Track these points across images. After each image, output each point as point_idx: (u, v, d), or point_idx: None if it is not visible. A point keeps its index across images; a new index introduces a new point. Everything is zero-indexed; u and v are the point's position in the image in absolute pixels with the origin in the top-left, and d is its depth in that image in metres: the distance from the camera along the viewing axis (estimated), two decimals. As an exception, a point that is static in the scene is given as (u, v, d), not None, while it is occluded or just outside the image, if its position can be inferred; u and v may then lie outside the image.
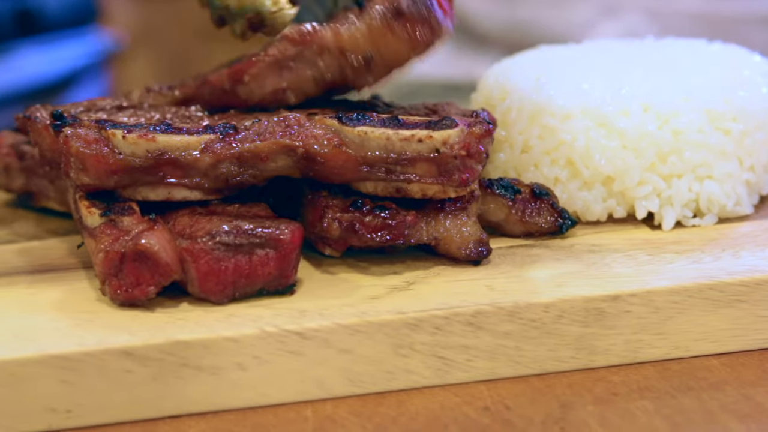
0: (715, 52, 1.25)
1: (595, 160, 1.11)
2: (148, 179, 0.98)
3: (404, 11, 1.01)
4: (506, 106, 1.18)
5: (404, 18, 1.01)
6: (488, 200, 1.07)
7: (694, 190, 1.11)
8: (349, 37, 1.03)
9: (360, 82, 1.06)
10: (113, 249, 0.91)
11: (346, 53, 1.04)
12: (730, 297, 0.95)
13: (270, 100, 1.09)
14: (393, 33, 1.02)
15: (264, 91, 1.09)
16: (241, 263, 0.92)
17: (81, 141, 0.96)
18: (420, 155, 0.97)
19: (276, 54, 1.07)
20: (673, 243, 1.05)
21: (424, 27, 1.02)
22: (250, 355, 0.88)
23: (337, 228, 0.98)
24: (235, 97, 1.10)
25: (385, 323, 0.90)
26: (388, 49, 1.03)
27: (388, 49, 1.03)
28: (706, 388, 0.91)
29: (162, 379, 0.87)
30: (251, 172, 1.00)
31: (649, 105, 1.11)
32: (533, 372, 0.94)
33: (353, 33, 1.03)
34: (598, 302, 0.93)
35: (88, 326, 0.90)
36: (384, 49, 1.03)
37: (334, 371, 0.90)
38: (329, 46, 1.05)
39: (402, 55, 1.04)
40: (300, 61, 1.07)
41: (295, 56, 1.07)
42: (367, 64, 1.04)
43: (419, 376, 0.92)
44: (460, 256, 1.01)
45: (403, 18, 1.01)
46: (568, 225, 1.08)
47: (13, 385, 0.85)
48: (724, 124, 1.12)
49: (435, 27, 1.03)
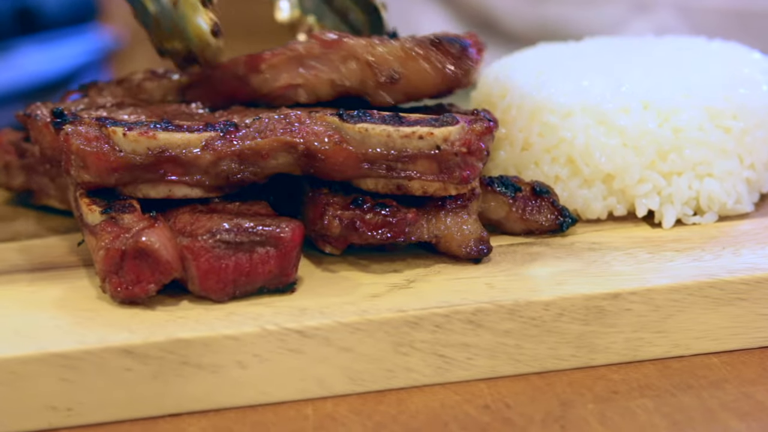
0: (715, 50, 1.25)
1: (595, 158, 1.11)
2: (148, 177, 0.98)
3: (443, 42, 1.04)
4: (506, 104, 1.18)
5: (441, 48, 1.04)
6: (489, 198, 1.07)
7: (695, 187, 1.11)
8: (382, 51, 1.05)
9: (378, 97, 1.06)
10: (114, 246, 0.91)
11: (374, 66, 1.05)
12: (731, 295, 0.95)
13: (278, 95, 1.09)
14: (426, 59, 1.04)
15: (276, 84, 1.09)
16: (241, 261, 0.92)
17: (81, 138, 0.96)
18: (421, 152, 0.97)
19: (300, 50, 1.08)
20: (674, 241, 1.05)
21: (457, 64, 1.04)
22: (251, 354, 0.88)
23: (337, 226, 0.98)
24: (244, 85, 1.10)
25: (386, 321, 0.90)
26: (417, 74, 1.04)
27: (417, 74, 1.04)
28: (706, 386, 0.91)
29: (162, 378, 0.87)
30: (252, 169, 1.00)
31: (649, 102, 1.11)
32: (533, 370, 0.94)
33: (386, 49, 1.05)
34: (599, 300, 0.93)
35: (88, 324, 0.90)
36: (412, 73, 1.05)
37: (335, 369, 0.90)
38: (357, 55, 1.05)
39: (428, 84, 1.05)
40: (323, 62, 1.07)
41: (319, 56, 1.07)
42: (390, 82, 1.05)
43: (419, 375, 0.92)
44: (460, 254, 1.01)
45: (440, 48, 1.04)
46: (568, 223, 1.08)
47: (14, 383, 0.85)
48: (725, 121, 1.12)
49: (465, 68, 1.05)
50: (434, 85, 1.05)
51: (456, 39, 1.05)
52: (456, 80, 1.05)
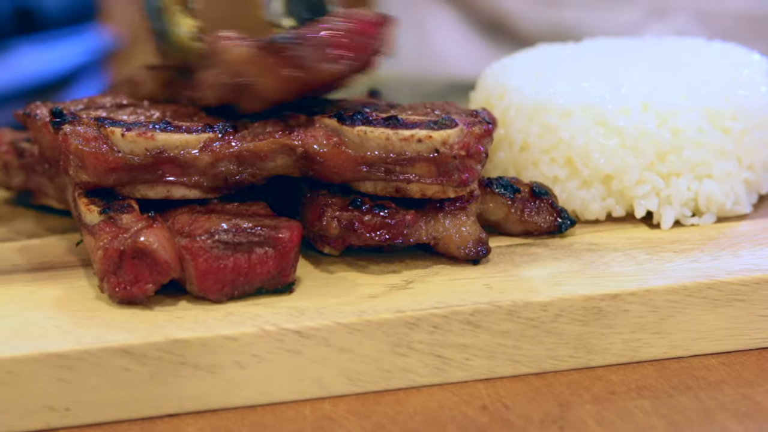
0: (715, 51, 1.25)
1: (594, 159, 1.11)
2: (147, 177, 0.98)
3: (273, 45, 0.97)
4: (505, 105, 1.18)
5: (272, 54, 0.97)
6: (487, 199, 1.07)
7: (693, 189, 1.11)
8: (227, 56, 0.99)
9: (242, 105, 1.01)
10: (112, 246, 0.91)
11: (230, 71, 1.00)
12: (729, 296, 0.95)
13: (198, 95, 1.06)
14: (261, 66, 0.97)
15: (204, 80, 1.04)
16: (239, 261, 0.92)
17: (80, 138, 0.96)
18: (419, 155, 0.97)
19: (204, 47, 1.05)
20: (672, 242, 1.05)
21: (291, 66, 0.96)
22: (249, 354, 0.88)
23: (336, 227, 0.98)
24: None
25: (384, 322, 0.90)
26: (259, 82, 0.98)
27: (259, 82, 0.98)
28: (704, 387, 0.91)
29: (160, 378, 0.87)
30: (250, 171, 0.99)
31: (649, 103, 1.11)
32: (532, 371, 0.94)
33: (232, 54, 0.99)
34: (597, 301, 0.93)
35: (86, 324, 0.90)
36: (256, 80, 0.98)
37: (333, 370, 0.90)
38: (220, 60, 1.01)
39: (273, 89, 0.99)
40: (211, 63, 1.03)
41: (209, 56, 1.03)
42: (238, 90, 0.99)
43: (417, 375, 0.92)
44: (459, 255, 1.01)
45: (271, 54, 0.97)
46: (567, 224, 1.08)
47: (12, 383, 0.85)
48: (724, 122, 1.12)
49: (307, 67, 0.97)
50: (281, 90, 0.98)
51: (288, 38, 0.97)
52: (303, 81, 0.97)
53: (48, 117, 1.03)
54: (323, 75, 0.98)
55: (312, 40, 0.97)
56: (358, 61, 1.01)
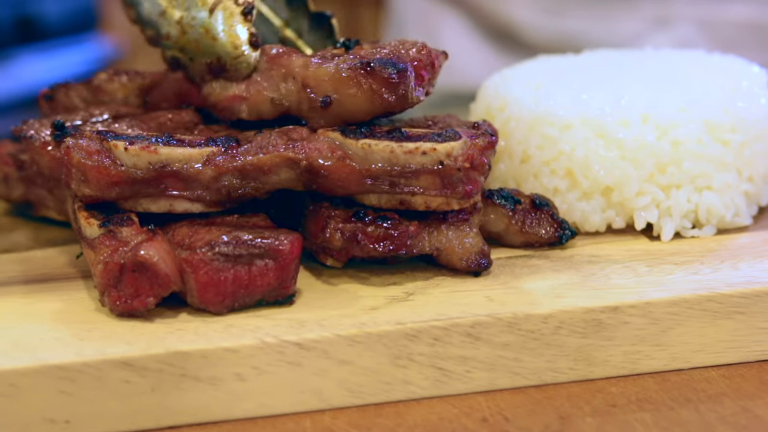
0: (714, 63, 1.25)
1: (594, 171, 1.11)
2: (149, 191, 0.98)
3: (374, 68, 0.98)
4: (506, 116, 1.18)
5: (372, 74, 0.98)
6: (488, 211, 1.07)
7: (693, 200, 1.11)
8: (316, 73, 1.01)
9: (313, 121, 1.02)
10: (112, 260, 0.91)
11: (307, 87, 1.01)
12: (729, 308, 0.95)
13: (223, 107, 1.06)
14: (358, 86, 0.99)
15: (224, 95, 1.06)
16: (240, 274, 0.92)
17: (83, 152, 0.96)
18: (424, 168, 0.97)
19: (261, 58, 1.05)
20: (672, 254, 1.05)
21: (389, 89, 0.99)
22: (249, 366, 0.88)
23: (339, 238, 0.98)
24: (194, 92, 1.09)
25: (384, 334, 0.90)
26: (348, 99, 1.00)
27: (348, 99, 1.00)
28: (704, 399, 0.91)
29: (161, 390, 0.87)
30: (253, 185, 0.99)
31: (648, 115, 1.12)
32: (532, 383, 0.94)
33: (321, 71, 1.00)
34: (597, 313, 0.93)
35: (86, 336, 0.90)
36: (344, 98, 1.00)
37: (333, 382, 0.90)
38: (295, 75, 1.02)
39: (359, 109, 1.00)
40: (266, 78, 1.04)
41: (263, 71, 1.04)
42: (324, 106, 1.00)
43: (418, 387, 0.92)
44: (460, 266, 1.01)
45: (371, 74, 0.98)
46: (567, 236, 1.08)
47: (12, 395, 0.85)
48: (723, 134, 1.12)
49: (400, 93, 0.99)
50: (366, 110, 1.00)
51: (390, 62, 0.99)
52: (392, 104, 1.00)
53: (46, 136, 1.03)
54: (411, 101, 1.01)
55: (407, 67, 0.99)
56: (430, 89, 1.04)
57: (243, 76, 1.05)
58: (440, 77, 1.07)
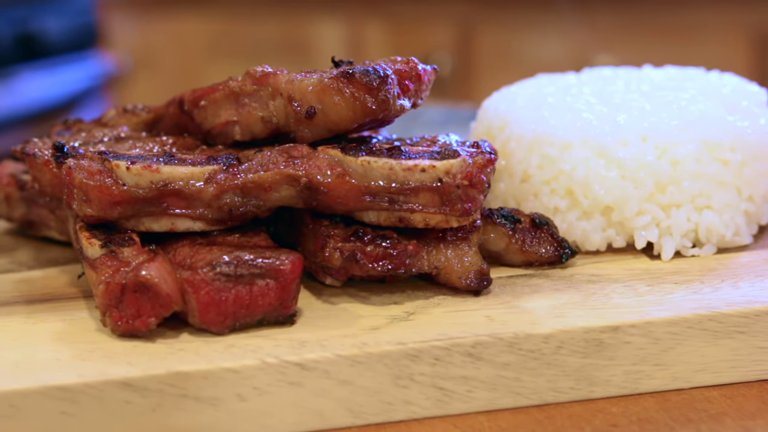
0: (714, 82, 1.25)
1: (594, 190, 1.11)
2: (151, 210, 0.98)
3: (354, 75, 0.99)
4: (506, 136, 1.19)
5: (354, 83, 0.99)
6: (488, 229, 1.08)
7: (693, 220, 1.11)
8: (300, 85, 1.02)
9: (300, 134, 1.04)
10: (114, 280, 0.91)
11: (293, 100, 1.02)
12: (730, 328, 0.95)
13: (219, 132, 1.08)
14: (340, 94, 1.00)
15: (216, 121, 1.08)
16: (241, 294, 0.92)
17: (84, 172, 0.97)
18: (423, 185, 0.97)
19: (235, 87, 1.07)
20: (673, 273, 1.05)
21: (371, 97, 1.00)
22: (250, 386, 0.88)
23: (338, 258, 0.98)
24: (190, 120, 1.10)
25: (385, 354, 0.90)
26: (332, 109, 1.01)
27: (332, 109, 1.01)
28: (705, 419, 0.91)
29: (162, 410, 0.87)
30: (255, 202, 1.00)
31: (648, 135, 1.12)
32: (533, 403, 0.94)
33: (305, 83, 1.02)
34: (598, 333, 0.93)
35: (88, 357, 0.90)
36: (328, 107, 1.01)
37: (334, 402, 0.90)
38: (281, 91, 1.03)
39: (343, 117, 1.01)
40: (254, 98, 1.06)
41: (251, 93, 1.06)
42: (309, 117, 1.01)
43: (419, 407, 0.92)
44: (460, 285, 1.01)
45: (352, 82, 0.99)
46: (567, 255, 1.08)
47: (14, 416, 0.85)
48: (723, 154, 1.12)
49: (380, 98, 1.00)
50: (349, 118, 1.01)
51: (370, 69, 1.00)
52: (374, 112, 1.00)
53: (48, 155, 1.04)
54: (394, 108, 1.01)
55: (387, 74, 1.00)
56: (417, 101, 1.05)
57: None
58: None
